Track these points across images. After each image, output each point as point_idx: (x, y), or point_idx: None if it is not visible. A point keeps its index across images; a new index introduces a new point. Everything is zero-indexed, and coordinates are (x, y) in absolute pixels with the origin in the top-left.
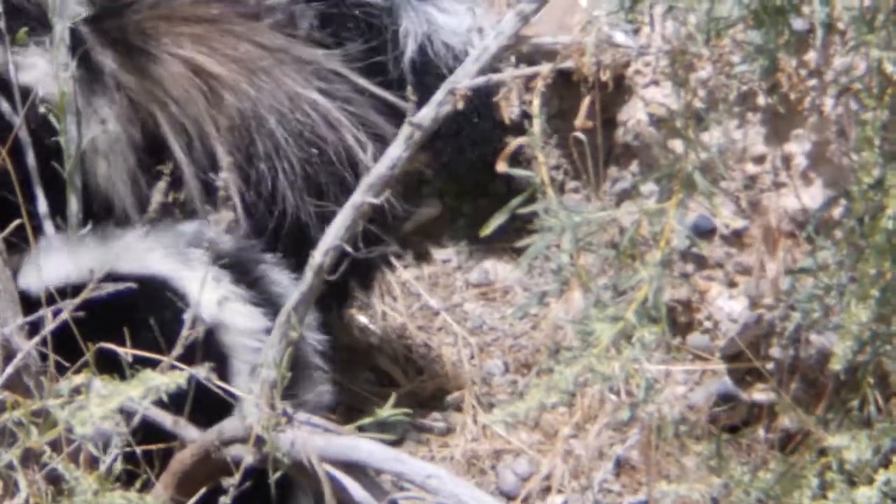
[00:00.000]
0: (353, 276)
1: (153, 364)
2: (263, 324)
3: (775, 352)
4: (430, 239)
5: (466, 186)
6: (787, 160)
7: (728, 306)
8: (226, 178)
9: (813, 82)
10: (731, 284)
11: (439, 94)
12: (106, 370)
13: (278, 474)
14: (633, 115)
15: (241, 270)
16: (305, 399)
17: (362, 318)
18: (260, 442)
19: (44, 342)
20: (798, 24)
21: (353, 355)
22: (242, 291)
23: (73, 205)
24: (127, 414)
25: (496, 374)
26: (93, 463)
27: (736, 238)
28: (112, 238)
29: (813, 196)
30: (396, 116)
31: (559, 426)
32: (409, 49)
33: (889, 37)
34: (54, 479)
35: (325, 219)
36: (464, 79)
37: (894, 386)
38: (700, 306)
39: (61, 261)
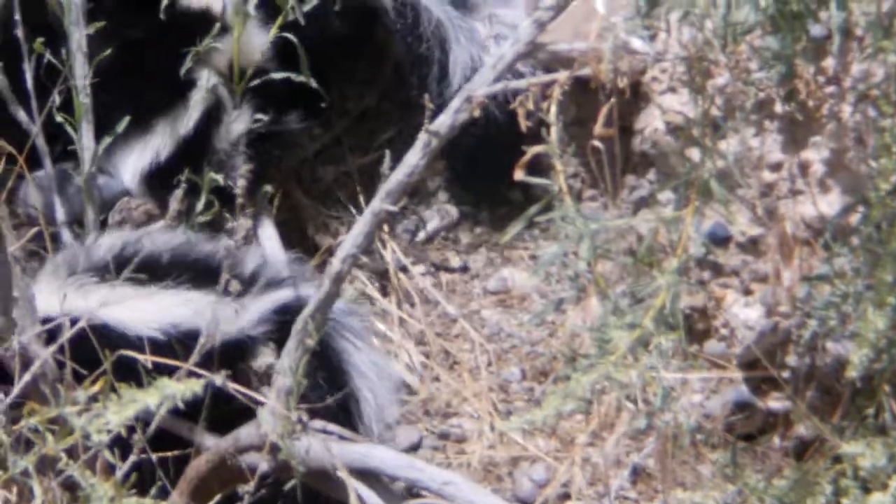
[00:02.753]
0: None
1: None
2: None
3: (791, 359)
4: (447, 246)
5: (484, 194)
6: (804, 167)
7: (744, 314)
8: (243, 187)
9: (831, 89)
10: (748, 292)
11: (456, 102)
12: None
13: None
14: (650, 122)
15: None
16: None
17: (380, 325)
18: (275, 449)
19: (61, 350)
20: (816, 30)
21: None
22: None
23: (91, 213)
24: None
25: (513, 381)
26: (109, 470)
27: (752, 245)
28: None
29: (830, 203)
30: None
31: (576, 433)
32: (455, 83)
33: None
34: (70, 486)
35: None
36: (480, 86)
37: None
38: (716, 314)
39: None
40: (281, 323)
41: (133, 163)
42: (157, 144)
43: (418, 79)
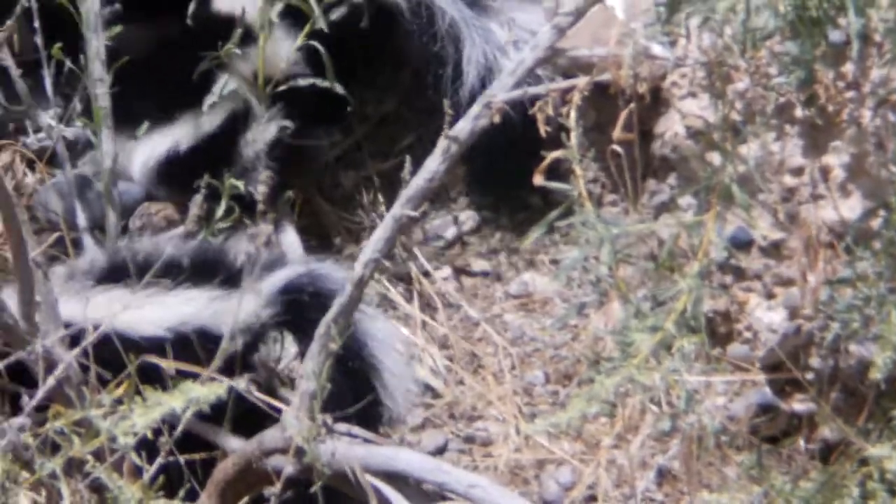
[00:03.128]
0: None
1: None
2: None
3: (815, 362)
4: (468, 251)
5: (504, 199)
6: (825, 172)
7: (767, 317)
8: (264, 193)
9: (850, 94)
10: (770, 296)
11: (475, 108)
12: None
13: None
14: (671, 127)
15: None
16: None
17: (404, 330)
18: (300, 452)
19: (84, 354)
20: (835, 35)
21: None
22: None
23: (112, 218)
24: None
25: (537, 384)
26: (136, 472)
27: (774, 249)
28: None
29: (851, 207)
30: None
31: (601, 436)
32: (469, 83)
33: None
34: (98, 489)
35: None
36: (500, 92)
37: None
38: (739, 317)
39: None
40: (289, 303)
41: (148, 151)
42: (177, 135)
43: (433, 78)
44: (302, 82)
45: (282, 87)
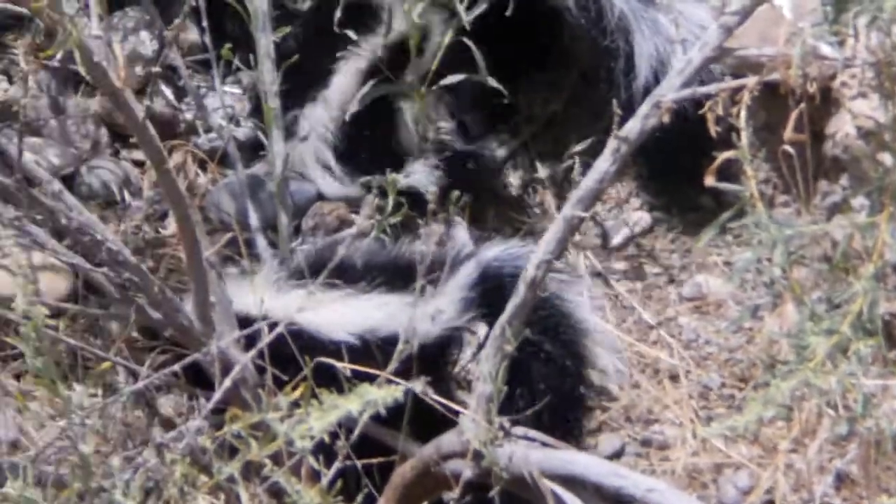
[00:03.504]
0: None
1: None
2: None
3: None
4: (641, 252)
5: (675, 200)
6: None
7: None
8: (434, 194)
9: None
10: None
11: (644, 108)
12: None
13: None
14: (841, 127)
15: None
16: None
17: None
18: (478, 456)
19: (261, 355)
20: None
21: None
22: None
23: (283, 218)
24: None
25: (713, 387)
26: (314, 476)
27: None
28: None
29: None
30: None
31: (778, 440)
32: (643, 76)
33: None
34: (276, 493)
35: None
36: (668, 92)
37: None
38: None
39: None
40: (481, 297)
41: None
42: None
43: (605, 72)
44: (452, 78)
45: (441, 83)
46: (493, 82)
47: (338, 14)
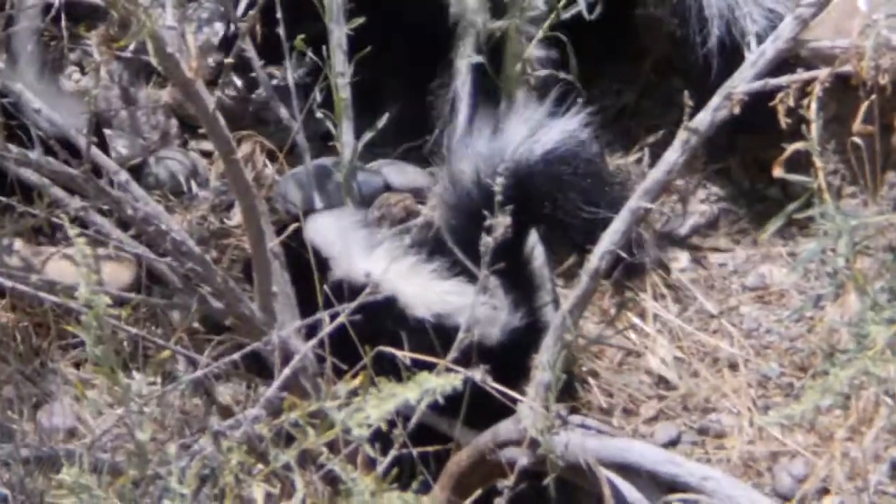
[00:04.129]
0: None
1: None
2: None
3: None
4: (706, 242)
5: (742, 190)
6: None
7: None
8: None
9: None
10: None
11: (716, 99)
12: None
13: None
14: None
15: None
16: None
17: (636, 320)
18: (534, 444)
19: (321, 344)
20: None
21: (626, 357)
22: None
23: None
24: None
25: (772, 376)
26: (370, 464)
27: None
28: None
29: None
30: None
31: (834, 428)
32: (716, 28)
33: None
34: (331, 480)
35: None
36: (740, 83)
37: None
38: None
39: None
40: None
41: None
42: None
43: (681, 33)
44: (540, 72)
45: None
46: (572, 77)
47: None
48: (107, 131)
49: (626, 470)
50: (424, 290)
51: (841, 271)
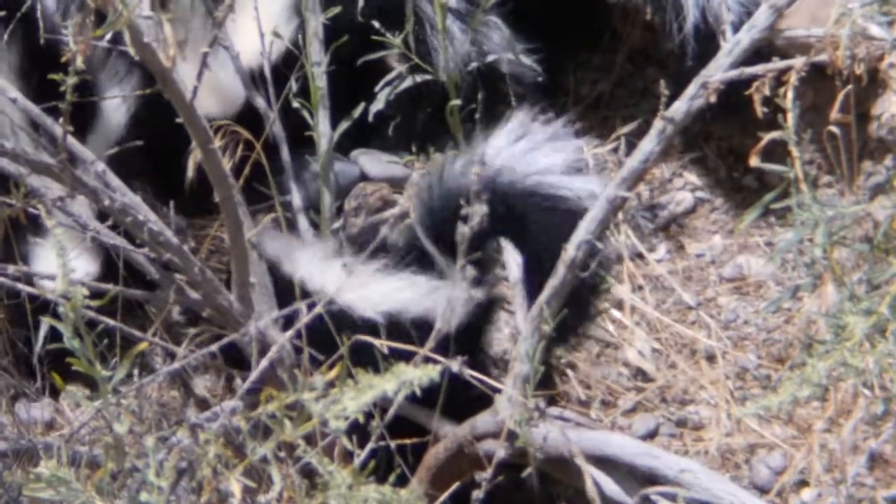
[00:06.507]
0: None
1: None
2: None
3: None
4: (683, 233)
5: (719, 179)
6: None
7: None
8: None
9: None
10: None
11: (691, 88)
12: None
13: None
14: (888, 109)
15: None
16: None
17: (615, 312)
18: (512, 437)
19: (298, 336)
20: None
21: (604, 349)
22: None
23: (327, 199)
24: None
25: (750, 368)
26: (347, 457)
27: None
28: None
29: None
30: None
31: (813, 420)
32: (692, 15)
33: None
34: (309, 473)
35: None
36: (716, 72)
37: None
38: None
39: None
40: None
41: None
42: None
43: (658, 20)
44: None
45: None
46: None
47: None
48: None
49: (605, 462)
50: (367, 291)
51: (818, 262)
